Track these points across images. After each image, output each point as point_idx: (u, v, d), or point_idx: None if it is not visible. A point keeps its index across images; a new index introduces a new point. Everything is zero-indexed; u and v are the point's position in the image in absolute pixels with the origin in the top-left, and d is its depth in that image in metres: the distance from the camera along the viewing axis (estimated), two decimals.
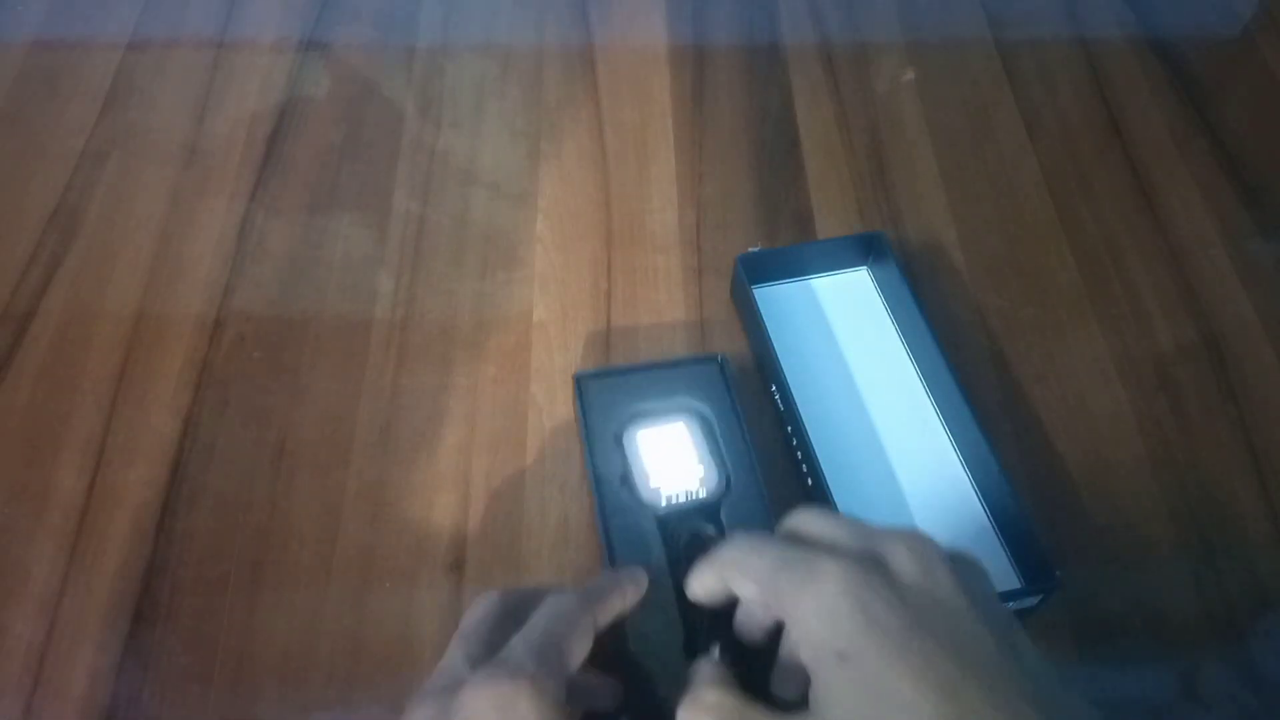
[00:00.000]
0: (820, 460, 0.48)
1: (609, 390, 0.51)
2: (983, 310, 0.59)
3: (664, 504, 0.46)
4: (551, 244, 0.61)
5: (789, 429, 0.50)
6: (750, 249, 0.56)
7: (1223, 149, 0.67)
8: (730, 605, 0.33)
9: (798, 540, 0.31)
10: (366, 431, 0.53)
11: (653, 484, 0.47)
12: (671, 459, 0.48)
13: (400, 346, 0.56)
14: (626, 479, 0.47)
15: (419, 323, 0.57)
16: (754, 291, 0.55)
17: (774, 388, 0.51)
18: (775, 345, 0.52)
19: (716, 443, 0.49)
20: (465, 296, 0.59)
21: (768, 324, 0.53)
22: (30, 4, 0.74)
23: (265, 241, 0.61)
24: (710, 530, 0.45)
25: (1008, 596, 0.45)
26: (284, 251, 0.60)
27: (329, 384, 0.54)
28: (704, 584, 0.33)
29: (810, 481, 0.48)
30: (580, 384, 0.51)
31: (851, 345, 0.56)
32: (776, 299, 0.57)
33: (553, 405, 0.54)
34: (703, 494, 0.47)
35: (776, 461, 0.51)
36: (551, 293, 0.59)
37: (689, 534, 0.45)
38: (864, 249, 0.58)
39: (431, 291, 0.59)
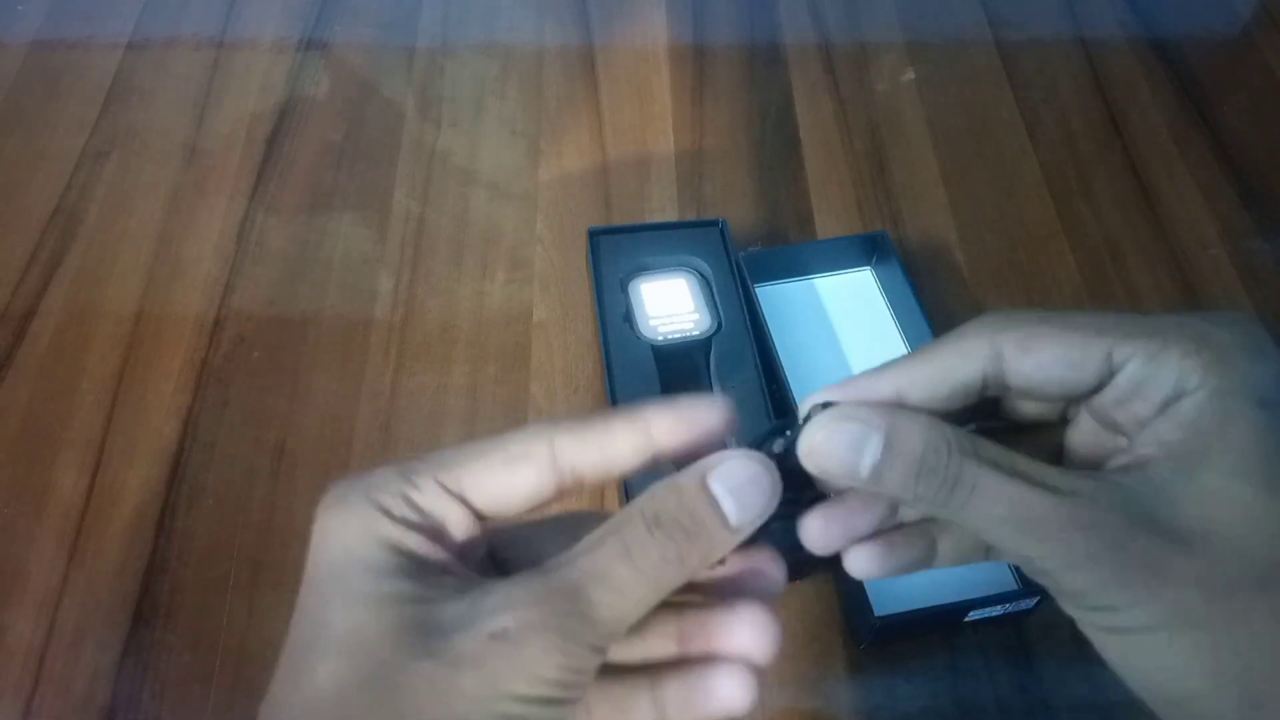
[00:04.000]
0: None
1: (618, 245, 0.56)
2: (983, 310, 0.58)
3: (660, 339, 0.52)
4: (551, 244, 0.61)
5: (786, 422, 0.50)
6: (750, 248, 0.56)
7: (1223, 149, 0.67)
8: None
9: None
10: (366, 431, 0.53)
11: (651, 322, 0.53)
12: (670, 303, 0.54)
13: (400, 346, 0.56)
14: (629, 317, 0.53)
15: (419, 323, 0.57)
16: (756, 290, 0.55)
17: (774, 385, 0.52)
18: (776, 344, 0.52)
19: (712, 294, 0.54)
20: (465, 296, 0.59)
21: (769, 323, 0.53)
22: (30, 4, 0.74)
23: (265, 241, 0.61)
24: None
25: (1005, 599, 0.45)
26: (284, 251, 0.60)
27: (329, 384, 0.54)
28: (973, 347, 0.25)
29: None
30: (593, 238, 0.56)
31: (853, 345, 0.56)
32: (779, 298, 0.57)
33: (553, 405, 0.54)
34: (696, 334, 0.52)
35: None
36: (551, 293, 0.59)
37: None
38: (867, 249, 0.58)
39: (431, 291, 0.59)
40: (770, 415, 0.49)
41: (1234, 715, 0.21)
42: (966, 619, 0.45)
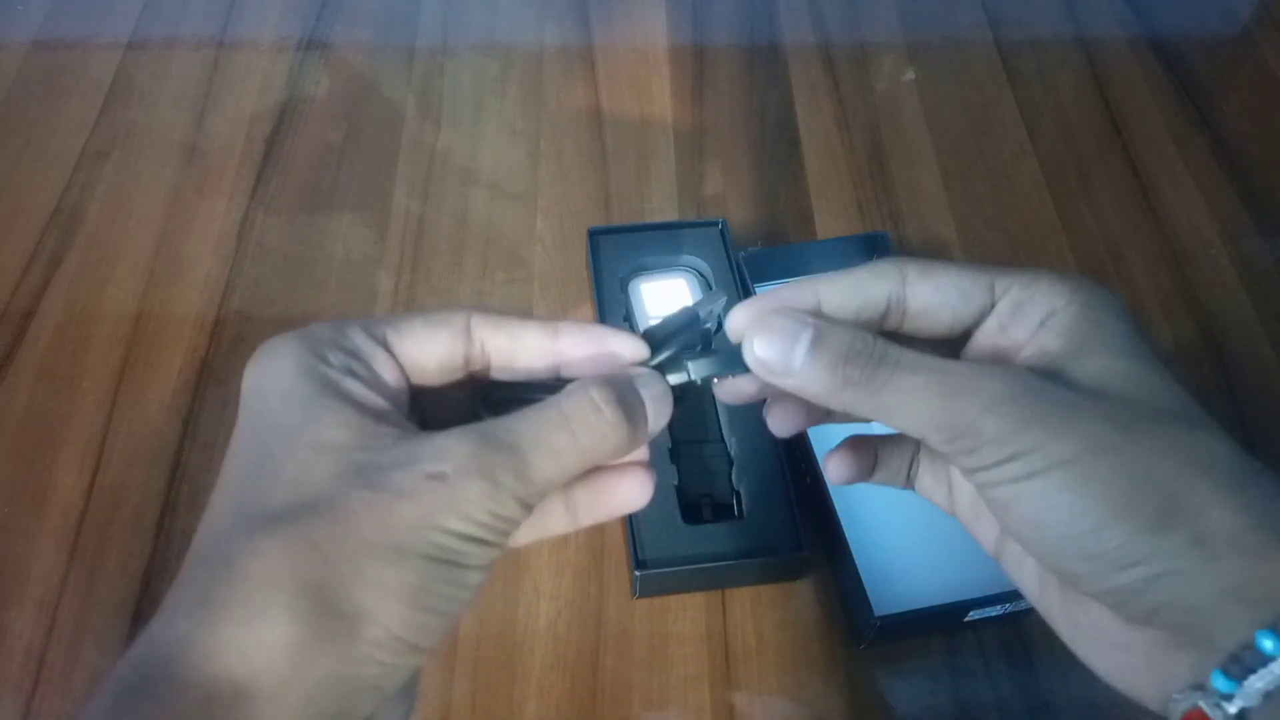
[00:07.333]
0: (819, 457, 0.48)
1: (618, 245, 0.56)
2: None
3: None
4: (551, 244, 0.61)
5: None
6: (750, 248, 0.56)
7: (1223, 149, 0.67)
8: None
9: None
10: None
11: (651, 321, 0.51)
12: (670, 303, 0.54)
13: None
14: (629, 317, 0.53)
15: None
16: (756, 290, 0.55)
17: None
18: None
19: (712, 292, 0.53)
20: (465, 296, 0.59)
21: None
22: (30, 4, 0.74)
23: (265, 241, 0.61)
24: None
25: (1005, 599, 0.45)
26: (284, 251, 0.60)
27: None
28: (872, 283, 0.27)
29: (809, 480, 0.48)
30: (593, 238, 0.56)
31: None
32: None
33: None
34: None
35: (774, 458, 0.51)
36: (551, 293, 0.59)
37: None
38: (867, 249, 0.58)
39: (431, 291, 0.59)
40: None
41: (1149, 530, 0.22)
42: (966, 619, 0.45)
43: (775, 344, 0.26)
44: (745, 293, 0.54)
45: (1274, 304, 0.59)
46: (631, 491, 0.29)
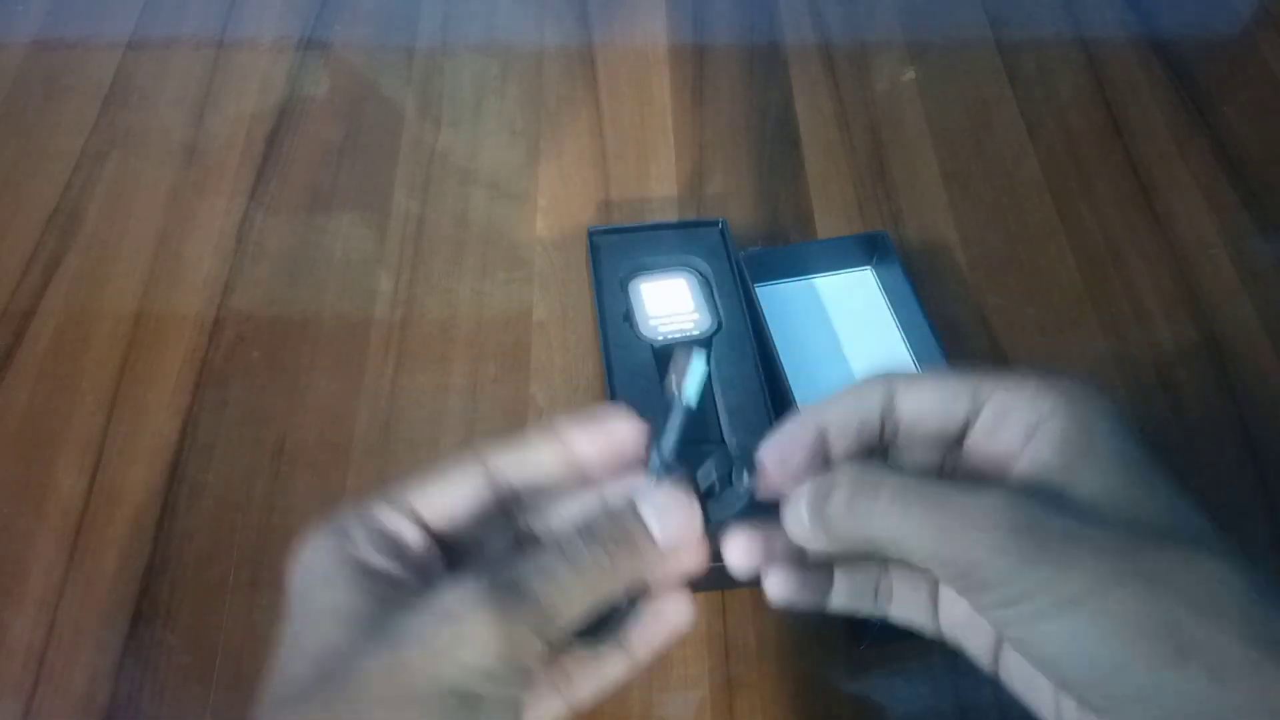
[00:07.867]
0: None
1: (618, 245, 0.56)
2: (983, 310, 0.59)
3: (660, 339, 0.52)
4: (551, 244, 0.61)
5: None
6: (750, 248, 0.56)
7: (1223, 149, 0.67)
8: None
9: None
10: (366, 431, 0.53)
11: (651, 321, 0.53)
12: (670, 303, 0.54)
13: (400, 346, 0.56)
14: (629, 316, 0.53)
15: (418, 322, 0.57)
16: (756, 290, 0.55)
17: (774, 385, 0.52)
18: (776, 343, 0.52)
19: (712, 294, 0.54)
20: (465, 296, 0.59)
21: (769, 323, 0.53)
22: (30, 4, 0.74)
23: (265, 241, 0.61)
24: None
25: None
26: (284, 251, 0.60)
27: (328, 384, 0.54)
28: (860, 398, 0.28)
29: None
30: (593, 238, 0.56)
31: (853, 344, 0.56)
32: (779, 298, 0.57)
33: (552, 405, 0.54)
34: (696, 333, 0.52)
35: None
36: (551, 293, 0.59)
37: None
38: (867, 249, 0.58)
39: (431, 291, 0.59)
40: (770, 414, 0.50)
41: (1165, 668, 0.22)
42: None
43: (789, 515, 0.28)
44: (746, 293, 0.54)
45: (1274, 304, 0.59)
46: (672, 615, 0.30)
